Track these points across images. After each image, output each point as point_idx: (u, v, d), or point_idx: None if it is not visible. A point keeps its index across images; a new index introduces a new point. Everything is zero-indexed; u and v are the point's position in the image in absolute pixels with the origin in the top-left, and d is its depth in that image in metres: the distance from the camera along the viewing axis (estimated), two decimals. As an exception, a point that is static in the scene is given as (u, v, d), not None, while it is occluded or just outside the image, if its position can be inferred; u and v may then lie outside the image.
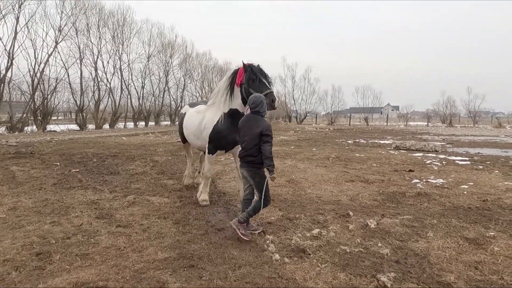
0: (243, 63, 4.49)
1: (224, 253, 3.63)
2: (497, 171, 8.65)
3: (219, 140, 4.91)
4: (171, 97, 40.29)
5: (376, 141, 18.32)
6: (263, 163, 3.79)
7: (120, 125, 32.91)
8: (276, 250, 3.71)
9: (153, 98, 37.35)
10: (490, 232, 4.23)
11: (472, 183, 7.09)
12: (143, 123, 35.72)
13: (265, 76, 4.40)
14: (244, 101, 4.51)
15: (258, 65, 4.49)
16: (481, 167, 9.37)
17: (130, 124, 34.20)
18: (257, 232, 4.16)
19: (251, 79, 4.38)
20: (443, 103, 52.42)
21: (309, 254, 3.61)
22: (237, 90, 4.64)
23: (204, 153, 6.21)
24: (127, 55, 32.89)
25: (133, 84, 34.73)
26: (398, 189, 6.62)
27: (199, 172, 6.74)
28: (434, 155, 12.00)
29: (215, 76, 48.22)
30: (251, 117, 3.91)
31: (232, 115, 4.76)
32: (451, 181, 7.35)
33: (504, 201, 5.74)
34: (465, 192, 6.35)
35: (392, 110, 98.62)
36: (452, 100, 51.82)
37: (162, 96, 38.32)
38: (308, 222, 4.61)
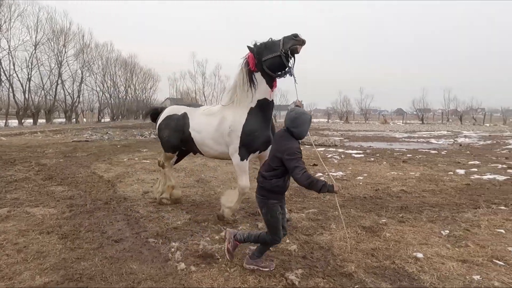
0: (248, 46, 4.13)
1: (121, 268, 3.19)
2: (385, 162, 9.75)
3: (253, 141, 4.18)
4: (65, 91, 36.04)
5: (284, 137, 19.18)
6: (280, 193, 3.10)
7: (0, 123, 28.09)
8: (182, 258, 3.42)
9: (43, 92, 32.82)
10: (382, 219, 4.64)
11: (366, 174, 7.83)
12: (30, 120, 31.12)
13: (264, 43, 4.05)
14: (269, 83, 4.11)
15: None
16: (372, 159, 10.47)
17: (14, 122, 29.44)
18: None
19: (260, 50, 4.02)
20: (340, 101, 58.11)
21: (218, 259, 3.42)
22: (258, 75, 4.12)
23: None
24: (7, 41, 28.23)
25: (17, 75, 29.99)
26: (304, 183, 6.90)
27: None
28: (334, 149, 13.03)
29: (118, 69, 44.81)
30: (281, 134, 3.13)
31: (262, 107, 4.18)
32: (349, 173, 7.99)
33: (391, 189, 6.43)
34: (360, 183, 6.94)
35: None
36: (348, 99, 57.82)
37: (54, 90, 33.94)
38: (218, 224, 4.41)
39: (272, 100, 4.23)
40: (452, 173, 8.15)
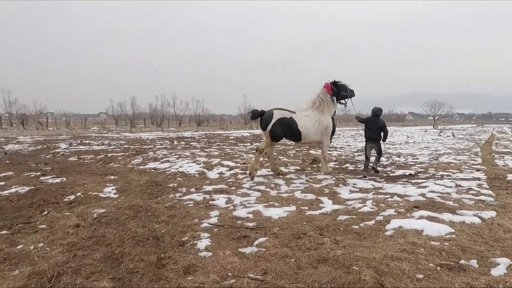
0: (332, 82, 8.46)
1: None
2: None
3: (333, 133, 8.35)
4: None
5: None
6: (382, 139, 8.21)
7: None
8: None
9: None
10: None
11: None
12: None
13: (344, 84, 8.56)
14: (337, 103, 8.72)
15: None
16: None
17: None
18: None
19: (338, 89, 8.44)
20: None
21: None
22: (334, 98, 8.41)
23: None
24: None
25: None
26: None
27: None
28: None
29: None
30: (373, 118, 8.22)
31: (334, 115, 8.49)
32: None
33: None
34: None
35: None
36: None
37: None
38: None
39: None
40: (-33, 193, 6.37)
